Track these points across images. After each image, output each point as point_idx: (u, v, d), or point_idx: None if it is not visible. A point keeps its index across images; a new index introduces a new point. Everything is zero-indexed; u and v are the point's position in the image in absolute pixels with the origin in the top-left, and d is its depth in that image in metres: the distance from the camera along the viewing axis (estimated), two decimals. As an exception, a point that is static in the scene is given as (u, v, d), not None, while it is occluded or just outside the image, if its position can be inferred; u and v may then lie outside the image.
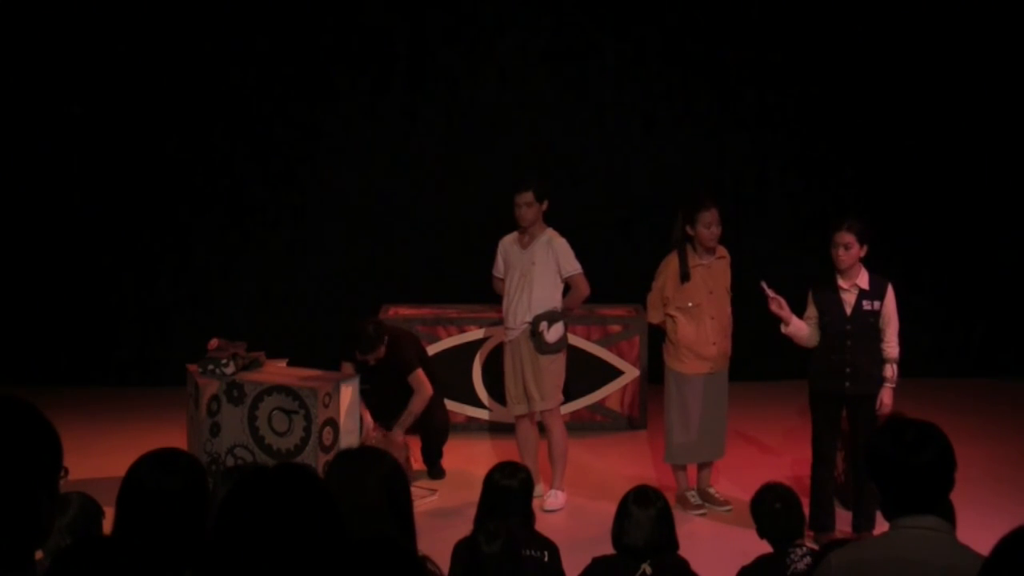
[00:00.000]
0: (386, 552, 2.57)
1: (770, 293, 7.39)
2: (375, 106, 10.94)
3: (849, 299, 7.17)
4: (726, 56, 10.92)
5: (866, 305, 7.13)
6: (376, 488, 3.23)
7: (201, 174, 10.98)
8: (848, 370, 7.15)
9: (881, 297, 7.12)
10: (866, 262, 7.19)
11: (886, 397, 7.10)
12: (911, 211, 10.92)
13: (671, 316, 7.85)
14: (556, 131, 10.86)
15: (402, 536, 3.19)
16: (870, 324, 7.12)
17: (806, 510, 5.34)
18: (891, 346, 7.10)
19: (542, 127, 10.85)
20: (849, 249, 7.08)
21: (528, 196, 7.88)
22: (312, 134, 10.98)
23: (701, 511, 7.89)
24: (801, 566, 4.92)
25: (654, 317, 8.04)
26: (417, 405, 8.35)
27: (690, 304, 7.79)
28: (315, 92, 10.94)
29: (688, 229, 7.76)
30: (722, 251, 7.92)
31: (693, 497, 7.96)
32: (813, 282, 7.40)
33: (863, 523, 7.14)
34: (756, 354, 9.67)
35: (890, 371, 7.11)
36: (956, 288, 11.11)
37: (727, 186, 10.57)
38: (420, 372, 8.39)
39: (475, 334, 9.61)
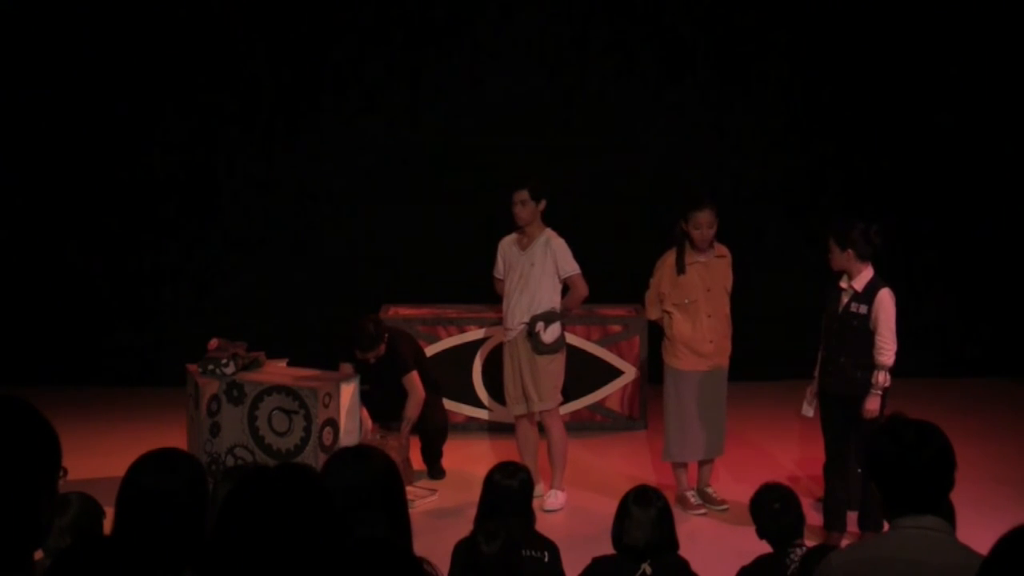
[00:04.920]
0: (384, 553, 2.57)
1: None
2: (375, 105, 10.94)
3: (843, 299, 7.22)
4: (729, 54, 10.93)
5: (853, 307, 7.16)
6: (370, 487, 3.23)
7: (201, 174, 10.98)
8: (830, 368, 7.25)
9: (869, 302, 7.12)
10: (874, 261, 7.20)
11: (869, 403, 7.08)
12: (913, 211, 10.92)
13: (667, 312, 7.88)
14: (556, 131, 10.85)
15: (397, 535, 3.19)
16: (853, 327, 7.15)
17: (805, 510, 5.33)
18: (879, 352, 7.09)
19: (542, 127, 10.84)
20: (831, 253, 7.17)
21: (523, 194, 7.89)
22: (311, 134, 10.98)
23: (701, 511, 7.89)
24: (794, 558, 4.94)
25: (651, 313, 8.07)
26: (411, 410, 8.35)
27: (686, 301, 7.80)
28: (314, 91, 10.95)
29: (684, 227, 7.79)
30: (722, 250, 7.92)
31: (693, 497, 7.97)
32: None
33: (869, 523, 7.14)
34: (756, 354, 9.68)
35: (877, 377, 7.08)
36: (956, 287, 11.11)
37: (728, 185, 10.57)
38: (415, 375, 8.39)
39: (475, 334, 9.62)
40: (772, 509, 5.15)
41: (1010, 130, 11.00)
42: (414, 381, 8.38)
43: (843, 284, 7.23)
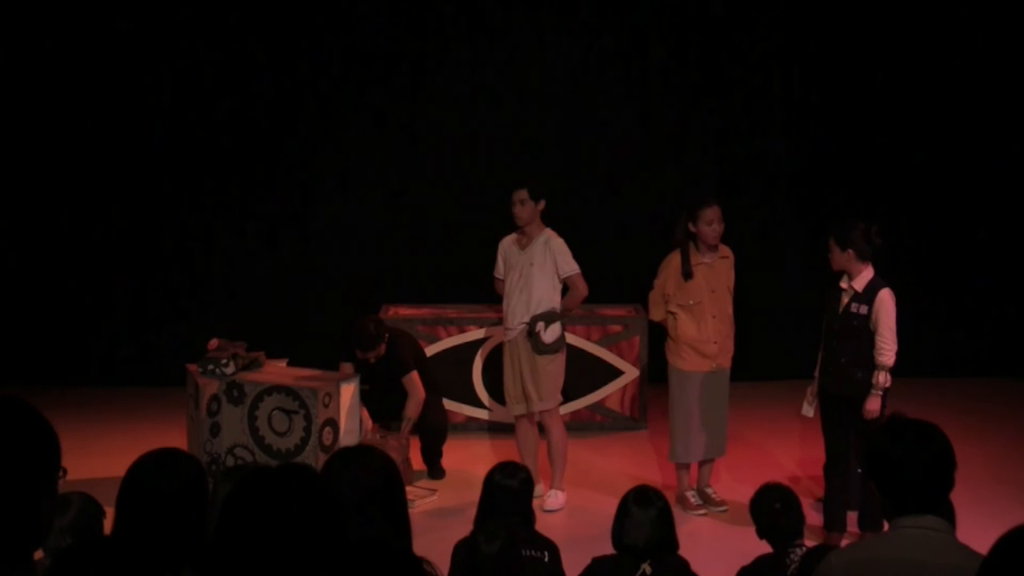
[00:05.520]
0: (384, 553, 2.57)
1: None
2: (375, 106, 10.94)
3: (843, 299, 7.22)
4: (729, 55, 10.93)
5: (853, 308, 7.16)
6: (370, 487, 3.22)
7: (202, 175, 10.98)
8: (830, 368, 7.25)
9: (869, 302, 7.12)
10: (874, 261, 7.20)
11: (870, 404, 7.09)
12: (912, 210, 10.93)
13: (672, 313, 7.87)
14: (556, 131, 10.86)
15: (397, 535, 3.19)
16: (854, 327, 7.15)
17: (805, 510, 5.33)
18: (880, 352, 7.09)
19: (542, 127, 10.85)
20: (831, 253, 7.18)
21: (523, 193, 7.90)
22: (312, 135, 10.98)
23: (701, 511, 7.89)
24: (794, 558, 4.94)
25: (655, 314, 8.06)
26: (412, 410, 8.36)
27: (691, 302, 7.80)
28: (315, 93, 10.95)
29: (690, 227, 7.77)
30: (725, 251, 7.92)
31: (694, 497, 7.97)
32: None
33: (869, 523, 7.14)
34: (756, 354, 9.68)
35: (877, 377, 7.08)
36: (957, 287, 11.12)
37: (728, 186, 10.57)
38: (415, 375, 8.39)
39: (475, 334, 9.62)
40: (772, 509, 5.14)
41: (1011, 130, 11.00)
42: (414, 381, 8.39)
43: (843, 284, 7.23)
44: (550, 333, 7.88)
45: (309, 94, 10.95)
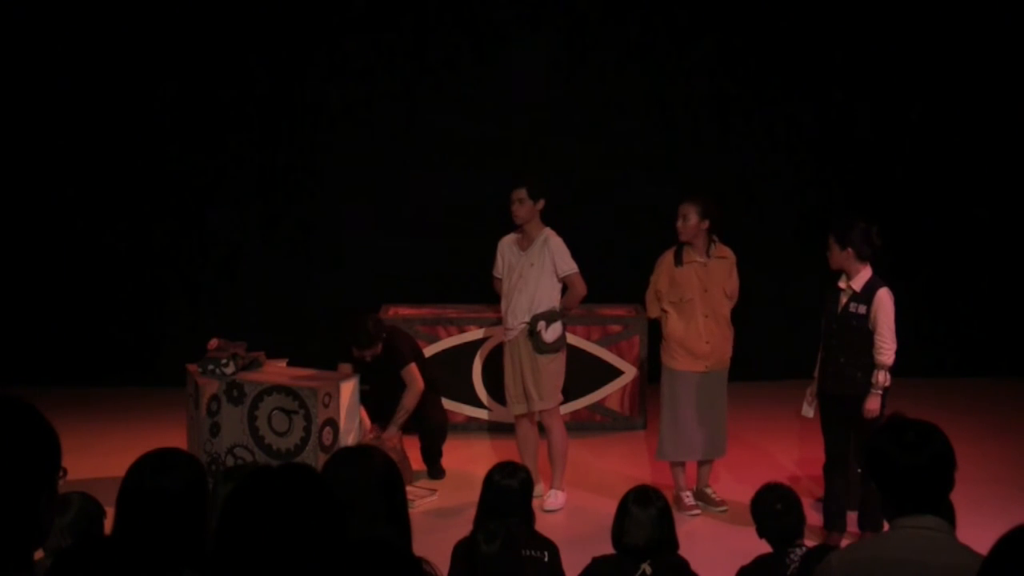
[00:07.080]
0: (384, 553, 2.57)
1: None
2: (376, 106, 10.94)
3: (842, 299, 7.22)
4: (728, 55, 10.93)
5: (852, 307, 7.15)
6: (370, 486, 3.23)
7: (201, 174, 10.99)
8: (830, 369, 7.24)
9: (868, 302, 7.12)
10: (873, 261, 7.20)
11: (870, 403, 7.09)
12: (911, 210, 10.93)
13: (665, 311, 7.88)
14: (557, 131, 10.86)
15: (397, 535, 3.19)
16: (852, 327, 7.15)
17: (805, 510, 5.32)
18: (879, 352, 7.09)
19: (543, 127, 10.85)
20: (830, 252, 7.16)
21: (522, 192, 7.90)
22: (313, 134, 10.99)
23: (695, 512, 7.88)
24: (794, 558, 4.94)
25: (652, 312, 8.08)
26: (409, 400, 8.35)
27: (681, 299, 7.80)
28: (316, 93, 10.95)
29: None
30: (724, 251, 7.92)
31: (688, 498, 7.95)
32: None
33: (869, 523, 7.14)
34: (756, 354, 9.68)
35: (877, 377, 7.08)
36: (957, 287, 11.12)
37: (728, 186, 10.56)
38: (413, 367, 8.40)
39: (475, 334, 9.62)
40: (774, 510, 5.13)
41: (1009, 129, 11.00)
42: (413, 373, 8.39)
43: (842, 284, 7.23)
44: (551, 332, 7.89)
45: (309, 94, 10.95)
